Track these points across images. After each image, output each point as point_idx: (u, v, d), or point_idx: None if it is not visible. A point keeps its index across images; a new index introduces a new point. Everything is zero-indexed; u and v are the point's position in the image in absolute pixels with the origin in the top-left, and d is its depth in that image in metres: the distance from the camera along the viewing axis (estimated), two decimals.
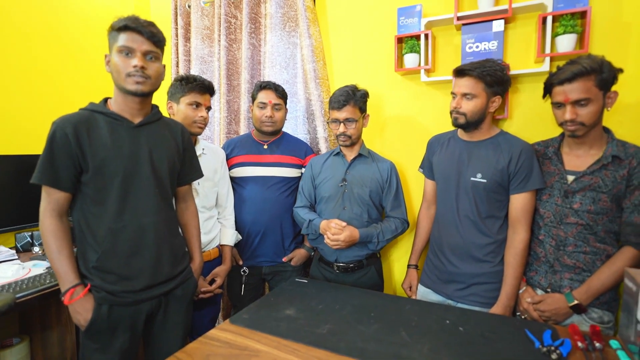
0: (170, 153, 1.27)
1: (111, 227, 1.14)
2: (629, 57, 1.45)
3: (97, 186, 1.14)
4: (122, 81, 1.13)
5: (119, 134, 1.16)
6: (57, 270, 1.12)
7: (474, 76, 1.33)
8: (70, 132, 1.09)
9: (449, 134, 1.56)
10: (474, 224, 1.41)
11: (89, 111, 1.17)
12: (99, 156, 1.12)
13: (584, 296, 1.21)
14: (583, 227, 1.24)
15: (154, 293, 1.22)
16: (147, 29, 1.13)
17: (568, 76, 1.17)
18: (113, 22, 1.14)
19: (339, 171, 1.64)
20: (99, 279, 1.15)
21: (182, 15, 2.36)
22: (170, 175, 1.27)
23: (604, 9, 1.48)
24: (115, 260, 1.16)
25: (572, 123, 1.20)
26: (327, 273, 1.65)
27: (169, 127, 1.30)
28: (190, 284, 1.35)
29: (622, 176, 1.19)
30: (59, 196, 1.13)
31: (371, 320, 1.16)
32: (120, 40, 1.12)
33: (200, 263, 1.43)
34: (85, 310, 1.12)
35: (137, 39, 1.12)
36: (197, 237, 1.44)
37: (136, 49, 1.12)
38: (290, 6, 2.06)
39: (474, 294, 1.40)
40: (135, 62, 1.11)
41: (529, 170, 1.33)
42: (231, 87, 2.20)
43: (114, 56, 1.13)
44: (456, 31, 1.72)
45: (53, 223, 1.13)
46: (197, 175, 1.44)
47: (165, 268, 1.24)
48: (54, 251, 1.12)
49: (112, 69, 1.14)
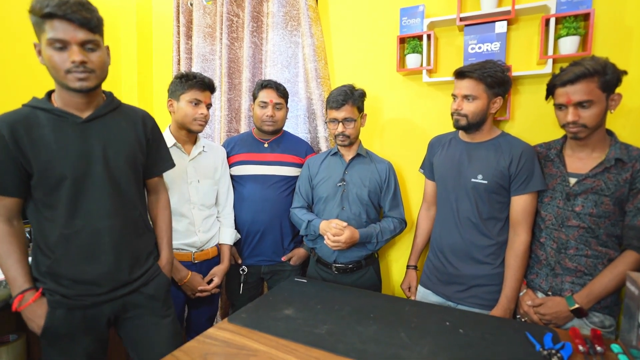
0: (129, 147, 1.15)
1: (63, 232, 1.06)
2: (632, 60, 1.44)
3: (44, 190, 1.05)
4: (62, 78, 1.00)
5: (64, 132, 1.04)
6: (6, 276, 1.06)
7: (475, 78, 1.33)
8: (7, 134, 0.99)
9: (450, 135, 1.56)
10: (474, 226, 1.40)
11: (29, 107, 1.05)
12: (41, 158, 1.02)
13: (585, 300, 1.20)
14: (585, 230, 1.23)
15: (116, 294, 1.14)
16: (78, 15, 0.94)
17: (571, 78, 1.17)
18: (34, 2, 0.94)
19: (338, 171, 1.63)
20: (53, 283, 1.08)
21: (184, 13, 2.35)
22: (131, 171, 1.17)
23: (607, 11, 1.47)
24: (68, 266, 1.08)
25: (574, 125, 1.20)
26: (324, 274, 1.64)
27: (127, 117, 1.17)
28: (160, 281, 1.25)
29: (625, 179, 1.18)
30: (6, 202, 1.05)
31: (370, 321, 1.15)
32: (48, 31, 0.94)
33: (167, 259, 1.31)
34: (36, 316, 1.06)
35: (69, 29, 0.95)
36: (166, 232, 1.34)
37: (70, 41, 0.96)
38: (292, 5, 2.05)
39: (474, 296, 1.40)
40: (73, 57, 0.96)
41: (530, 172, 1.32)
42: (232, 86, 2.20)
43: (46, 50, 0.96)
44: (459, 32, 1.72)
45: (2, 228, 1.06)
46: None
47: (125, 272, 1.15)
48: (1, 256, 1.06)
49: (47, 63, 0.99)
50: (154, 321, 1.23)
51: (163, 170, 1.33)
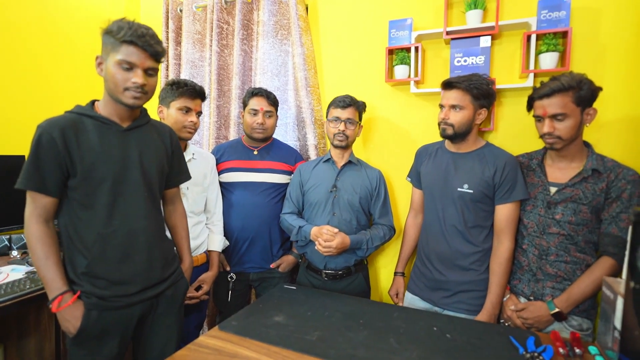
0: (159, 156, 1.26)
1: (101, 232, 1.12)
2: (607, 76, 1.52)
3: (85, 191, 1.11)
4: (119, 94, 1.11)
5: (108, 138, 1.14)
6: (44, 277, 1.09)
7: (462, 88, 1.38)
8: (58, 136, 1.06)
9: (437, 144, 1.60)
10: (460, 234, 1.45)
11: (76, 114, 1.14)
12: (87, 160, 1.10)
13: (565, 304, 1.26)
14: (564, 237, 1.29)
15: (147, 295, 1.20)
16: (153, 48, 1.10)
17: (547, 92, 1.24)
18: (112, 25, 1.09)
19: (329, 177, 1.66)
20: (89, 285, 1.13)
21: (173, 19, 2.35)
22: (159, 178, 1.26)
23: (584, 30, 1.55)
24: (105, 266, 1.13)
25: (550, 136, 1.26)
26: (314, 280, 1.65)
27: (157, 130, 1.29)
28: (181, 285, 1.34)
29: (601, 189, 1.25)
30: (45, 201, 1.10)
31: (360, 327, 1.17)
32: (121, 52, 1.07)
33: (190, 264, 1.42)
34: (74, 317, 1.09)
35: (141, 56, 1.09)
36: (186, 239, 1.44)
37: (139, 66, 1.09)
38: (282, 14, 2.08)
39: (460, 301, 1.43)
40: (135, 79, 1.09)
41: (514, 182, 1.38)
42: (222, 92, 2.20)
43: (112, 67, 1.09)
44: (445, 45, 1.78)
45: (39, 229, 1.09)
46: (185, 178, 1.42)
47: (157, 271, 1.23)
48: (40, 258, 1.08)
49: (108, 78, 1.10)
50: (168, 323, 1.28)
51: (182, 181, 1.42)
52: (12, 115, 1.99)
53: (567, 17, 1.50)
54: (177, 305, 1.32)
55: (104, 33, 1.10)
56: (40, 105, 2.10)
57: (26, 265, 1.67)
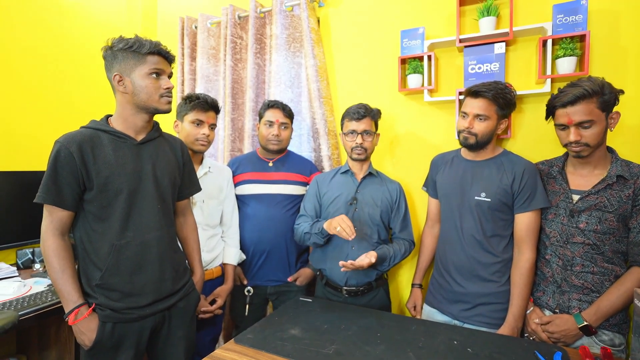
0: (171, 168, 1.29)
1: (114, 243, 1.14)
2: (629, 79, 1.48)
3: (101, 204, 1.14)
4: (155, 102, 1.18)
5: (123, 151, 1.17)
6: (61, 290, 1.11)
7: (489, 98, 1.35)
8: (75, 151, 1.09)
9: (452, 153, 1.58)
10: (478, 243, 1.40)
11: (92, 129, 1.17)
12: (103, 174, 1.13)
13: (594, 317, 1.20)
14: (590, 247, 1.24)
15: (158, 307, 1.22)
16: (171, 55, 1.22)
17: (570, 99, 1.19)
18: (125, 42, 1.15)
19: (349, 190, 1.61)
20: (103, 297, 1.15)
21: (188, 36, 2.41)
22: (171, 190, 1.29)
23: (603, 33, 1.52)
24: (118, 277, 1.15)
25: (577, 144, 1.22)
26: (333, 297, 1.59)
27: (169, 143, 1.32)
28: (193, 297, 1.35)
29: (627, 196, 1.20)
30: (62, 215, 1.12)
31: (377, 340, 1.15)
32: (149, 63, 1.16)
33: (201, 276, 1.44)
34: (89, 330, 1.11)
35: (165, 63, 1.20)
36: (197, 251, 1.45)
37: (166, 71, 1.20)
38: (295, 27, 2.11)
39: (481, 314, 1.39)
40: (167, 84, 1.19)
41: (533, 190, 1.34)
42: (236, 106, 2.23)
43: (142, 79, 1.15)
44: (458, 53, 1.76)
45: (56, 242, 1.12)
46: (195, 189, 1.44)
47: (168, 283, 1.24)
48: (57, 271, 1.11)
49: (139, 90, 1.16)
50: (180, 335, 1.29)
51: (192, 192, 1.44)
52: (31, 132, 2.05)
53: (585, 20, 1.47)
54: (189, 317, 1.32)
55: (121, 50, 1.14)
56: (54, 122, 2.15)
57: (48, 278, 1.71)
